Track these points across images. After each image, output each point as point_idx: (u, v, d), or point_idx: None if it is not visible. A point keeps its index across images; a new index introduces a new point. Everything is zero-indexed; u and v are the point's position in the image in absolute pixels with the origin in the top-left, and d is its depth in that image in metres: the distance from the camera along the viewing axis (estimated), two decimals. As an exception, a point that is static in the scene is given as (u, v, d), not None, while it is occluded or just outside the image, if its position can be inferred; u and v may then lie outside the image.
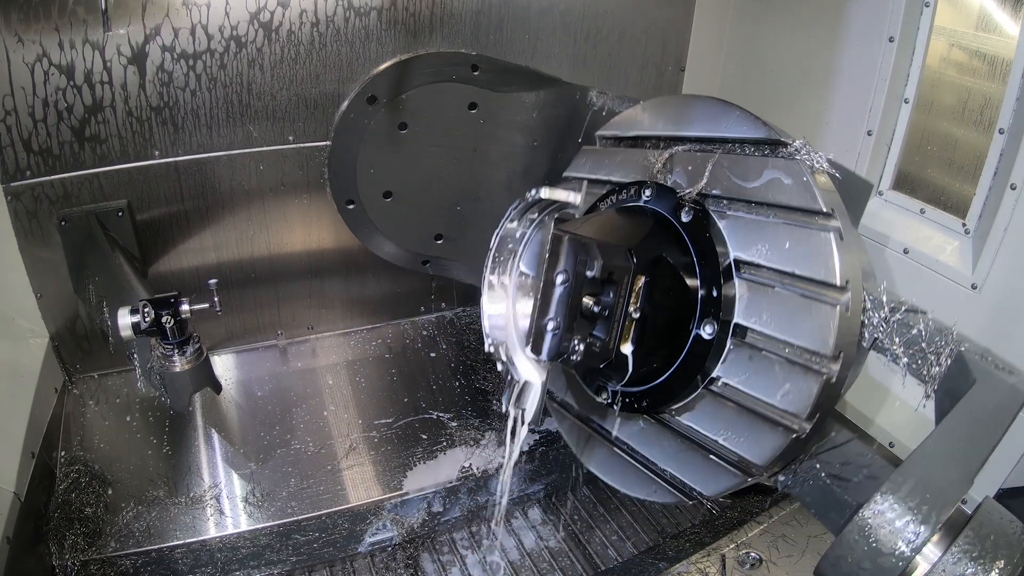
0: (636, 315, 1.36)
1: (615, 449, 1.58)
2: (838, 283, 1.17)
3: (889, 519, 0.96)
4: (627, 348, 1.40)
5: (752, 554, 1.98)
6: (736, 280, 1.31)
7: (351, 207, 2.37)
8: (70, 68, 1.87)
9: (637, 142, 1.63)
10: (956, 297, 1.88)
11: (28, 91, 1.85)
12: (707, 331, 1.34)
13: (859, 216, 1.59)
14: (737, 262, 1.31)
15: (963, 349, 1.19)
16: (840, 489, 1.25)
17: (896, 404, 1.96)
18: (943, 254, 1.96)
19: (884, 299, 1.26)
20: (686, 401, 1.40)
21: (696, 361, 1.37)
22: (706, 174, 1.36)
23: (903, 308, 1.24)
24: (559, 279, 1.39)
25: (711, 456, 1.37)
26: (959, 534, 0.95)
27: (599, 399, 1.56)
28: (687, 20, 2.58)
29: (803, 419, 1.21)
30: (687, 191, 1.39)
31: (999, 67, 1.94)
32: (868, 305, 1.26)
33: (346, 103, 2.19)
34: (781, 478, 1.33)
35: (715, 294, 1.34)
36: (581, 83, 2.21)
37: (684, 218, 1.40)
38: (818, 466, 1.29)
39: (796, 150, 1.25)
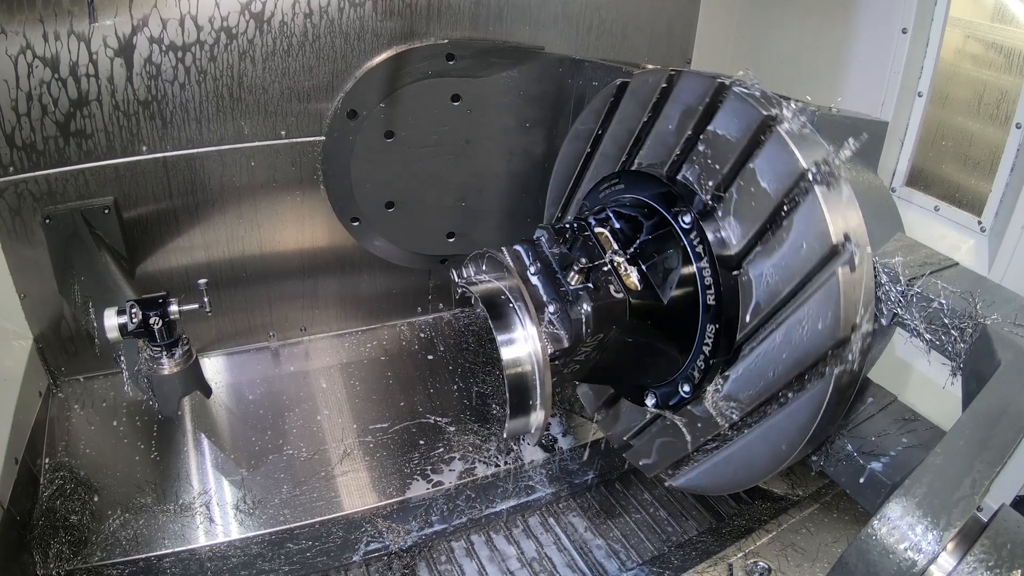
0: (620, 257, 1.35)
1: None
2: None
3: (902, 528, 0.93)
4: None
5: (760, 563, 1.92)
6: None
7: (356, 224, 2.36)
8: (55, 60, 1.82)
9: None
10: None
11: (11, 84, 1.81)
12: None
13: (876, 159, 1.55)
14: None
15: (988, 323, 1.15)
16: (875, 466, 1.21)
17: (922, 384, 1.91)
18: (958, 253, 1.93)
19: (900, 272, 1.20)
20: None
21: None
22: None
23: (928, 271, 1.17)
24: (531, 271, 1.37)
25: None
26: (975, 543, 0.93)
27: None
28: (694, 10, 2.54)
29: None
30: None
31: (1016, 60, 1.91)
32: (884, 279, 1.21)
33: (328, 121, 2.16)
34: (814, 458, 1.29)
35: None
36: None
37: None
38: (849, 446, 1.25)
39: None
